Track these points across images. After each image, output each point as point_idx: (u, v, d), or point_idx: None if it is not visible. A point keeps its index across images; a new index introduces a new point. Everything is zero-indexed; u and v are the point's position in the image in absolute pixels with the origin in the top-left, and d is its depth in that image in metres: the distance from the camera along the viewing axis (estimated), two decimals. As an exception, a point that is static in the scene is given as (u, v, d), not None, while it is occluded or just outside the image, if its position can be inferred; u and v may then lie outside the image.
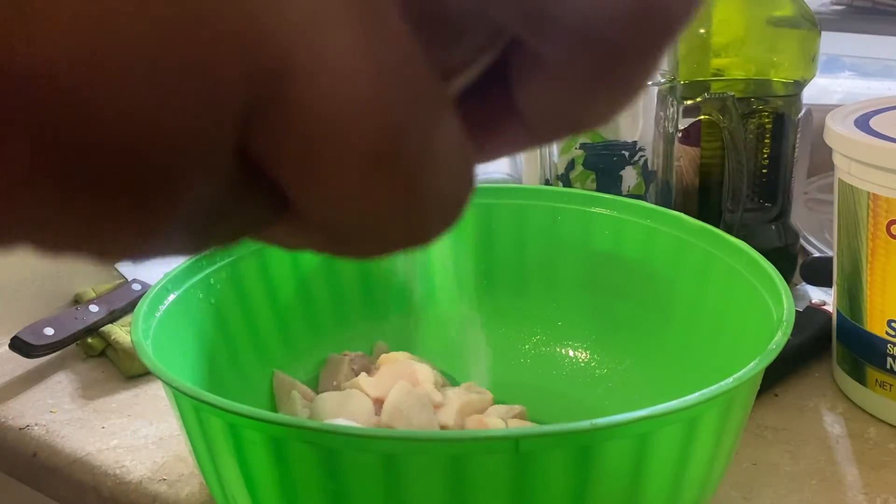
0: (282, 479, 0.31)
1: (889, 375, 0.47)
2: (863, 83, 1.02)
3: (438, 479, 0.30)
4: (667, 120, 0.54)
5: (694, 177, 0.62)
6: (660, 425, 0.30)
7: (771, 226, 0.61)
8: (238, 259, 0.47)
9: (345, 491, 0.30)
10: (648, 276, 0.48)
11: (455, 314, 0.55)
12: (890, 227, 0.45)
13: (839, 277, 0.50)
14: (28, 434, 0.53)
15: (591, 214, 0.51)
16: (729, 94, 0.54)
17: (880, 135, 0.45)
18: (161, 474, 0.48)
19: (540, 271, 0.53)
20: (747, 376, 0.31)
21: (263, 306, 0.49)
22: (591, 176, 0.55)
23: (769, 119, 0.58)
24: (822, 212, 0.73)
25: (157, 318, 0.40)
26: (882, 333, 0.47)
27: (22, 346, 0.58)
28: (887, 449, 0.46)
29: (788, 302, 0.36)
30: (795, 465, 0.45)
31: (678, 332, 0.46)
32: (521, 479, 0.29)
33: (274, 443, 0.31)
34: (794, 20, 0.58)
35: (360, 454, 0.30)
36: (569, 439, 0.29)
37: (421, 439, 0.30)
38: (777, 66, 0.58)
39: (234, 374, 0.46)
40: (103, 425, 0.53)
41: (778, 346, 0.33)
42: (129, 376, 0.59)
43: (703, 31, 0.58)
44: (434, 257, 0.54)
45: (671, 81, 0.54)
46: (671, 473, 0.32)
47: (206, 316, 0.45)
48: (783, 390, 0.52)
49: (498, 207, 0.53)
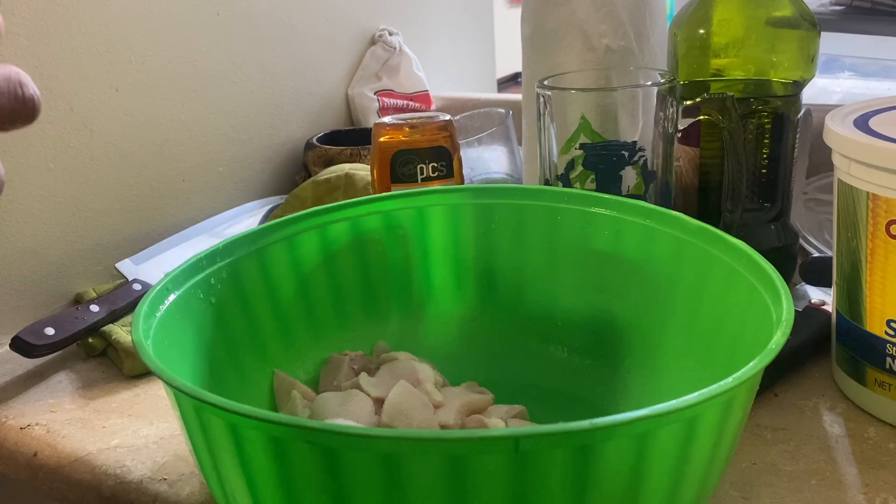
0: (282, 478, 0.32)
1: (888, 375, 0.47)
2: (862, 83, 1.02)
3: (438, 479, 0.30)
4: (666, 120, 0.54)
5: (693, 177, 0.62)
6: (659, 425, 0.30)
7: (770, 226, 0.61)
8: (238, 259, 0.47)
9: (345, 490, 0.31)
10: (648, 276, 0.48)
11: (455, 314, 0.55)
12: (889, 227, 0.45)
13: (839, 277, 0.50)
14: (29, 434, 0.53)
15: (590, 214, 0.51)
16: (728, 95, 0.54)
17: (880, 135, 0.45)
18: (161, 474, 0.48)
19: (540, 271, 0.53)
20: (747, 376, 0.31)
21: (263, 306, 0.49)
22: (590, 176, 0.55)
23: (769, 119, 0.58)
24: (821, 212, 0.73)
25: (158, 318, 0.40)
26: (881, 333, 0.47)
27: (23, 346, 0.58)
28: (887, 449, 0.46)
29: (788, 302, 0.36)
30: (795, 465, 0.45)
31: (678, 332, 0.46)
32: (521, 479, 0.29)
33: (274, 442, 0.31)
34: (793, 20, 0.58)
35: (360, 454, 0.30)
36: (568, 439, 0.29)
37: (421, 439, 0.30)
38: (777, 66, 0.58)
39: (234, 374, 0.46)
40: (104, 425, 0.53)
41: (777, 346, 0.33)
42: (129, 376, 0.59)
43: (703, 31, 0.58)
44: (434, 257, 0.54)
45: (671, 82, 0.54)
46: (671, 473, 0.32)
47: (207, 316, 0.45)
48: (783, 390, 0.52)
49: (498, 207, 0.53)
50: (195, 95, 0.80)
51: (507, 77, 1.79)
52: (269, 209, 0.83)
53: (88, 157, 0.71)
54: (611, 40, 0.62)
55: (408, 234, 0.53)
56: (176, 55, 0.78)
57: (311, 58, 0.94)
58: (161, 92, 0.77)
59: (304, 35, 0.92)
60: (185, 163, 0.80)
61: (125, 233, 0.75)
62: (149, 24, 0.75)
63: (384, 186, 0.60)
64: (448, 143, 0.60)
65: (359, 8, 1.00)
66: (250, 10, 0.85)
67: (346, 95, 1.00)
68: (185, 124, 0.79)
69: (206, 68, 0.81)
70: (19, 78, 0.29)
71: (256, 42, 0.86)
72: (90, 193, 0.71)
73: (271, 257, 0.49)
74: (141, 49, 0.74)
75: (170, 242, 0.76)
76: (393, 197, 0.53)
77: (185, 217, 0.80)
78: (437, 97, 1.08)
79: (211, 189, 0.83)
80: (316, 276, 0.51)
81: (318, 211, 0.52)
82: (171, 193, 0.79)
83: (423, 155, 0.60)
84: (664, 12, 0.66)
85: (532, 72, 0.66)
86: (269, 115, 0.89)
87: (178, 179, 0.79)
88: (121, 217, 0.74)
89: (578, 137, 0.54)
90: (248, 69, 0.86)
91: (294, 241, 0.50)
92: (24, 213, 0.66)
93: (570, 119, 0.54)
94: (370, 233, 0.53)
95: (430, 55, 1.12)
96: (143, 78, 0.75)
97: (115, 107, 0.73)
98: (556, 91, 0.55)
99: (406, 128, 0.60)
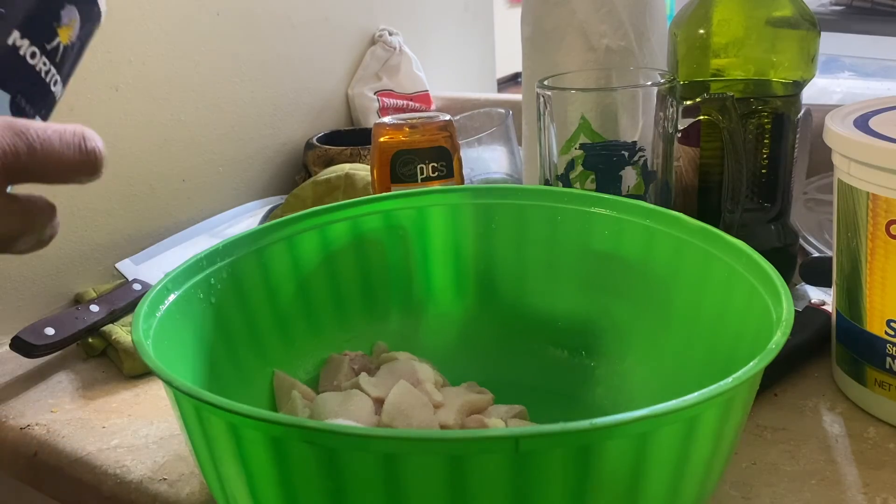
0: (282, 478, 0.32)
1: (888, 375, 0.47)
2: (862, 83, 1.02)
3: (438, 479, 0.30)
4: (666, 120, 0.54)
5: (693, 177, 0.62)
6: (659, 425, 0.30)
7: (770, 226, 0.61)
8: (238, 259, 0.47)
9: (345, 490, 0.31)
10: (648, 276, 0.48)
11: (455, 314, 0.55)
12: (889, 227, 0.45)
13: (838, 277, 0.50)
14: (29, 434, 0.53)
15: (590, 215, 0.51)
16: (728, 95, 0.54)
17: (880, 135, 0.45)
18: (161, 474, 0.48)
19: (540, 271, 0.53)
20: (747, 376, 0.31)
21: (263, 306, 0.49)
22: (590, 176, 0.55)
23: (768, 119, 0.58)
24: (821, 212, 0.73)
25: (158, 318, 0.40)
26: (881, 333, 0.47)
27: (23, 346, 0.58)
28: (886, 449, 0.46)
29: (788, 302, 0.36)
30: (795, 465, 0.45)
31: (678, 332, 0.46)
32: (521, 479, 0.29)
33: (274, 442, 0.31)
34: (793, 20, 0.58)
35: (360, 454, 0.30)
36: (568, 439, 0.29)
37: (421, 439, 0.30)
38: (776, 66, 0.58)
39: (234, 374, 0.46)
40: (104, 425, 0.53)
41: (777, 346, 0.33)
42: (129, 376, 0.59)
43: (703, 31, 0.58)
44: (434, 257, 0.54)
45: (671, 82, 0.54)
46: (671, 473, 0.32)
47: (207, 316, 0.45)
48: (783, 390, 0.52)
49: (498, 208, 0.53)
50: (195, 95, 0.80)
51: (507, 77, 1.79)
52: (269, 209, 0.83)
53: (88, 157, 0.71)
54: (611, 40, 0.62)
55: (408, 234, 0.53)
56: (176, 55, 0.78)
57: (311, 58, 0.94)
58: (161, 92, 0.77)
59: (304, 35, 0.92)
60: (185, 163, 0.80)
61: (125, 233, 0.75)
62: (149, 24, 0.75)
63: (384, 186, 0.60)
64: (448, 143, 0.60)
65: (359, 8, 1.00)
66: (250, 10, 0.85)
67: (346, 95, 1.00)
68: (185, 124, 0.79)
69: (206, 68, 0.81)
70: (83, 132, 0.32)
71: (256, 42, 0.86)
72: (90, 193, 0.71)
73: (271, 257, 0.49)
74: (141, 49, 0.74)
75: (170, 242, 0.76)
76: (393, 197, 0.53)
77: (185, 217, 0.80)
78: (437, 97, 1.08)
79: (211, 189, 0.83)
80: (316, 276, 0.51)
81: (318, 211, 0.52)
82: (171, 193, 0.79)
83: (423, 155, 0.60)
84: (664, 12, 0.66)
85: (532, 72, 0.66)
86: (269, 115, 0.89)
87: (178, 179, 0.79)
88: (121, 217, 0.74)
89: (578, 137, 0.54)
90: (248, 69, 0.86)
91: (294, 241, 0.50)
92: (24, 213, 0.66)
93: (570, 119, 0.54)
94: (370, 233, 0.53)
95: (430, 55, 1.12)
96: (143, 78, 0.75)
97: (115, 107, 0.73)
98: (556, 91, 0.55)
99: (406, 128, 0.60)
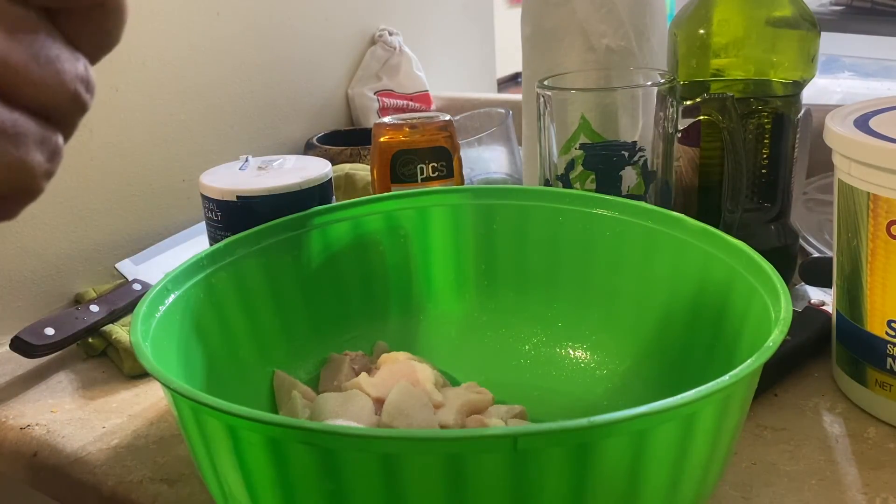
0: (281, 479, 0.32)
1: (889, 375, 0.47)
2: (862, 83, 1.02)
3: (438, 479, 0.30)
4: (666, 120, 0.54)
5: (693, 177, 0.62)
6: (657, 422, 0.30)
7: (770, 226, 0.61)
8: (238, 259, 0.47)
9: (344, 491, 0.30)
10: (648, 276, 0.48)
11: (455, 314, 0.55)
12: (890, 228, 0.45)
13: (839, 278, 0.50)
14: (29, 434, 0.53)
15: (591, 215, 0.51)
16: (728, 95, 0.54)
17: (880, 135, 0.45)
18: (161, 474, 0.48)
19: (540, 272, 0.53)
20: (744, 373, 0.31)
21: (264, 306, 0.49)
22: (590, 176, 0.55)
23: (768, 119, 0.58)
24: (821, 212, 0.73)
25: (158, 318, 0.40)
26: (882, 334, 0.47)
27: (22, 346, 0.58)
28: (886, 449, 0.46)
29: (787, 301, 0.36)
30: (795, 465, 0.45)
31: (678, 332, 0.46)
32: (520, 478, 0.29)
33: (272, 444, 0.31)
34: (793, 20, 0.58)
35: (359, 454, 0.30)
36: (566, 437, 0.29)
37: (421, 439, 0.30)
38: (776, 66, 0.58)
39: (234, 375, 0.46)
40: (104, 425, 0.53)
41: (775, 344, 0.33)
42: (129, 376, 0.59)
43: (703, 31, 0.58)
44: (434, 257, 0.54)
45: (671, 82, 0.54)
46: (669, 471, 0.32)
47: (207, 316, 0.45)
48: (783, 390, 0.52)
49: (499, 208, 0.53)
50: (195, 95, 0.80)
51: (507, 77, 1.79)
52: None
53: (88, 157, 0.71)
54: (611, 40, 0.62)
55: (408, 234, 0.53)
56: (176, 55, 0.78)
57: (311, 58, 0.94)
58: (161, 92, 0.77)
59: (304, 35, 0.92)
60: (185, 163, 0.80)
61: (125, 233, 0.75)
62: (149, 24, 0.75)
63: (384, 186, 0.60)
64: (448, 143, 0.60)
65: (359, 8, 1.00)
66: (250, 10, 0.85)
67: (346, 95, 1.00)
68: (185, 124, 0.79)
69: (206, 68, 0.81)
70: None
71: (256, 42, 0.86)
72: (90, 193, 0.71)
73: (272, 257, 0.49)
74: (141, 49, 0.74)
75: (170, 242, 0.76)
76: (393, 197, 0.53)
77: (185, 217, 0.80)
78: (437, 97, 1.08)
79: (211, 189, 0.83)
80: (316, 276, 0.51)
81: (318, 211, 0.52)
82: (171, 193, 0.79)
83: (423, 155, 0.60)
84: (664, 12, 0.66)
85: (532, 72, 0.66)
86: (269, 115, 0.89)
87: (178, 179, 0.79)
88: (121, 217, 0.74)
89: (578, 137, 0.54)
90: (248, 69, 0.86)
91: (294, 241, 0.50)
92: (24, 213, 0.66)
93: (570, 119, 0.54)
94: (371, 233, 0.53)
95: (430, 55, 1.12)
96: (143, 78, 0.75)
97: (115, 107, 0.73)
98: (556, 91, 0.55)
99: (406, 128, 0.60)
